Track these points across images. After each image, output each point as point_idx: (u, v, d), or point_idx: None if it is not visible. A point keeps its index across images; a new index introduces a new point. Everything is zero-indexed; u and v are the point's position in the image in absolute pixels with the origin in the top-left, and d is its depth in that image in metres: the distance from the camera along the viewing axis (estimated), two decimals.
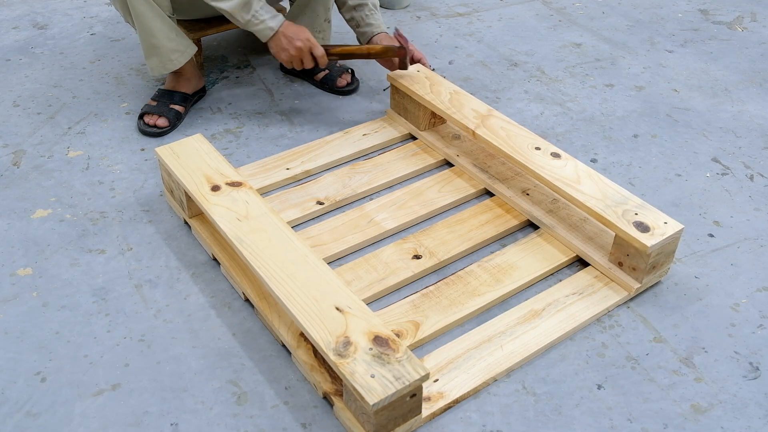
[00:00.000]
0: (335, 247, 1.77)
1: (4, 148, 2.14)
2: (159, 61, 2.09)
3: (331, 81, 2.36)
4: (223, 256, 1.72)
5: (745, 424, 1.43)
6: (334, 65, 2.38)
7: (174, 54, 2.08)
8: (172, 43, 2.06)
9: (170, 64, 2.10)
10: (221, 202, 1.69)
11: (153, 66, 2.10)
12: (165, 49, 2.06)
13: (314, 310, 1.42)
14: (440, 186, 1.97)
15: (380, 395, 1.27)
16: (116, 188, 1.99)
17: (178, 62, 2.11)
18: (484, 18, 2.91)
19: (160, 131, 2.17)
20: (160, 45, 2.05)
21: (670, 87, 2.47)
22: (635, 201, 1.69)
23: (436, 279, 1.72)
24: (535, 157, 1.82)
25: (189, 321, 1.62)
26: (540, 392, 1.48)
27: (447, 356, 1.52)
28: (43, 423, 1.41)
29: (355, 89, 2.39)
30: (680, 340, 1.59)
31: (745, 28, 2.86)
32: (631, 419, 1.43)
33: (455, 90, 2.08)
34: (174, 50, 2.08)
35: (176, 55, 2.09)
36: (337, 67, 2.38)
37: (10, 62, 2.56)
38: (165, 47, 2.05)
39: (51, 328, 1.60)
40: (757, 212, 1.94)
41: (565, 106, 2.36)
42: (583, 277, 1.71)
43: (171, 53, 2.07)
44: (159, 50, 2.06)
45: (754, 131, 2.26)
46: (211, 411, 1.44)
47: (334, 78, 2.36)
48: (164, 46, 2.05)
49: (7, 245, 1.81)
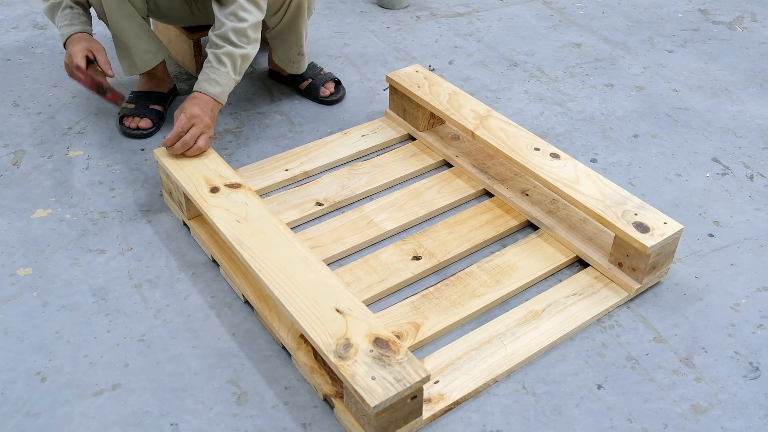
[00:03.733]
0: (334, 249, 1.77)
1: (4, 148, 2.14)
2: (131, 62, 2.07)
3: (315, 90, 2.34)
4: (222, 257, 1.72)
5: (745, 424, 1.43)
6: (318, 74, 2.36)
7: (146, 55, 2.06)
8: (144, 44, 2.04)
9: (141, 65, 2.08)
10: (220, 204, 1.69)
11: (125, 66, 2.09)
12: (137, 50, 2.04)
13: (314, 312, 1.42)
14: (439, 187, 1.97)
15: (381, 397, 1.27)
16: (116, 188, 1.99)
17: (150, 64, 2.09)
18: (484, 18, 2.91)
19: (145, 133, 2.16)
20: (131, 45, 2.03)
21: (670, 87, 2.47)
22: (635, 201, 1.69)
23: (436, 280, 1.72)
24: (535, 158, 1.82)
25: (189, 321, 1.62)
26: (540, 392, 1.48)
27: (447, 358, 1.52)
28: (43, 423, 1.42)
29: (340, 99, 2.35)
30: (680, 340, 1.59)
31: (745, 28, 2.86)
32: (631, 419, 1.43)
33: (454, 90, 2.08)
34: (146, 51, 2.06)
35: (148, 56, 2.07)
36: (321, 75, 2.35)
37: (10, 62, 2.56)
38: (137, 48, 2.04)
39: (51, 328, 1.60)
40: (757, 212, 1.94)
41: (565, 106, 2.36)
42: (583, 277, 1.71)
43: (143, 54, 2.06)
44: (131, 50, 2.04)
45: (754, 131, 2.26)
46: (211, 411, 1.44)
47: (317, 87, 2.34)
48: (136, 47, 2.03)
49: (7, 245, 1.81)
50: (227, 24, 1.87)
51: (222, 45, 1.88)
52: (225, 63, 1.88)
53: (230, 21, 1.87)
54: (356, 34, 2.76)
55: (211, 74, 1.88)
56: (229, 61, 1.88)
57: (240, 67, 1.92)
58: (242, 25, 1.88)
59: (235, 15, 1.87)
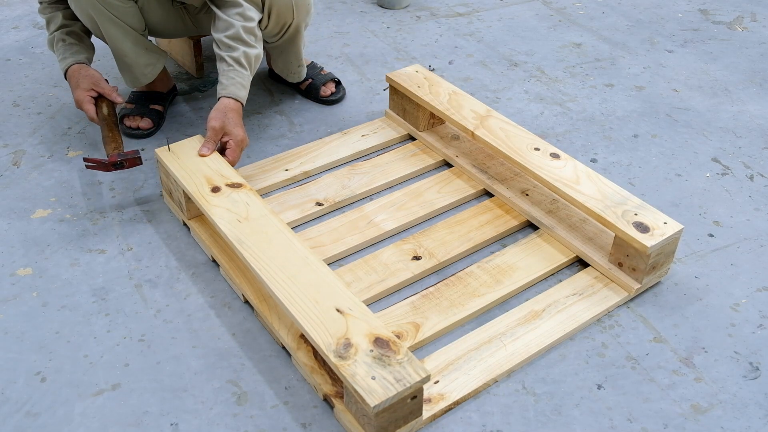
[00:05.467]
0: (334, 249, 1.77)
1: (4, 148, 2.14)
2: (133, 76, 2.11)
3: (315, 90, 2.35)
4: (222, 258, 1.72)
5: (745, 424, 1.43)
6: (318, 73, 2.37)
7: (147, 68, 2.11)
8: (143, 59, 2.08)
9: (144, 78, 2.12)
10: (222, 204, 1.69)
11: (128, 80, 2.13)
12: (137, 65, 2.08)
13: (315, 312, 1.42)
14: (439, 187, 1.97)
15: (381, 397, 1.27)
16: (116, 188, 1.99)
17: (152, 75, 2.13)
18: (484, 18, 2.91)
19: (145, 133, 2.17)
20: (132, 63, 2.07)
21: (670, 87, 2.47)
22: (635, 201, 1.69)
23: (436, 280, 1.72)
24: (534, 158, 1.82)
25: (189, 321, 1.62)
26: (540, 392, 1.48)
27: (447, 358, 1.52)
28: (43, 423, 1.42)
29: (340, 99, 2.35)
30: (680, 340, 1.59)
31: (745, 28, 2.86)
32: (631, 419, 1.43)
33: (454, 90, 2.08)
34: (146, 65, 2.10)
35: (149, 69, 2.11)
36: (321, 75, 2.36)
37: (10, 62, 2.56)
38: (137, 64, 2.08)
39: (51, 328, 1.60)
40: (757, 212, 1.94)
41: (565, 106, 2.36)
42: (583, 277, 1.71)
43: (144, 68, 2.10)
44: (131, 67, 2.08)
45: (754, 131, 2.26)
46: (211, 411, 1.44)
47: (318, 87, 2.34)
48: (136, 63, 2.07)
49: (7, 245, 1.81)
50: (236, 24, 1.89)
51: (236, 47, 1.89)
52: (245, 65, 1.91)
53: (239, 21, 1.89)
54: (356, 34, 2.76)
55: (237, 78, 1.90)
56: (247, 63, 1.91)
57: (254, 67, 1.95)
58: (251, 24, 1.91)
59: (243, 15, 1.90)
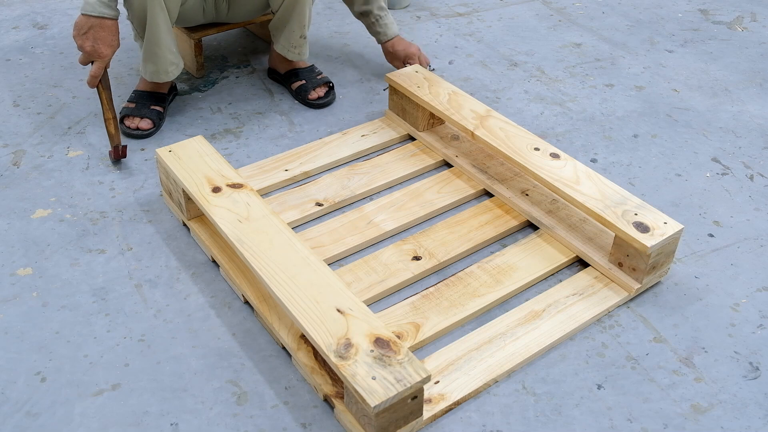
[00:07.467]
0: (334, 249, 1.77)
1: (4, 148, 2.14)
2: (156, 68, 2.12)
3: (304, 92, 2.34)
4: (222, 258, 1.72)
5: (745, 424, 1.43)
6: (314, 77, 2.36)
7: (171, 66, 2.13)
8: (171, 56, 2.11)
9: (165, 75, 2.14)
10: (222, 204, 1.69)
11: (148, 71, 2.13)
12: (164, 60, 2.10)
13: (315, 312, 1.42)
14: (439, 187, 1.97)
15: (381, 397, 1.27)
16: (116, 188, 1.99)
17: (173, 74, 2.15)
18: (484, 18, 2.91)
19: (145, 133, 2.17)
20: (161, 55, 2.08)
21: (670, 87, 2.48)
22: (635, 201, 1.69)
23: (436, 280, 1.72)
24: (534, 158, 1.82)
25: (189, 321, 1.62)
26: (540, 392, 1.48)
27: (448, 358, 1.52)
28: (43, 423, 1.42)
29: (328, 103, 2.34)
30: (680, 340, 1.59)
31: (745, 28, 2.86)
32: (631, 419, 1.43)
33: (454, 90, 2.08)
34: (171, 63, 2.12)
35: (172, 67, 2.13)
36: (316, 79, 2.35)
37: (10, 62, 2.56)
38: (165, 58, 2.10)
39: (51, 328, 1.60)
40: (757, 212, 1.94)
41: (565, 106, 2.36)
42: (583, 277, 1.71)
43: (169, 65, 2.12)
44: (159, 59, 2.09)
45: (754, 131, 2.26)
46: (211, 411, 1.44)
47: (307, 89, 2.33)
48: (164, 57, 2.09)
49: (7, 245, 1.81)
50: None
51: None
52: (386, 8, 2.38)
53: None
54: (356, 34, 2.76)
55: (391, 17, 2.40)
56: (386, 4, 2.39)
57: None
58: None
59: None
